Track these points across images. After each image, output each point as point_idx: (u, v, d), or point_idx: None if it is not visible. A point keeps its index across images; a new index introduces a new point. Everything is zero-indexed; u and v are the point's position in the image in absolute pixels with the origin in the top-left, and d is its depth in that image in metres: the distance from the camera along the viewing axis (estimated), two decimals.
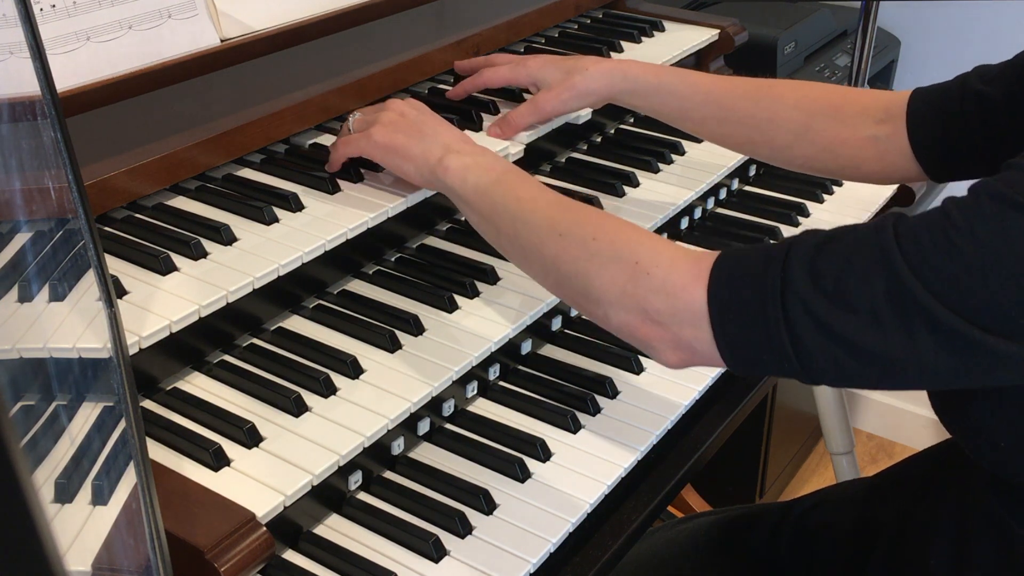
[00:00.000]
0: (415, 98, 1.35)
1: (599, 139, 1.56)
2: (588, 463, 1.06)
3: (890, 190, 1.57)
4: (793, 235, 0.86)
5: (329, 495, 0.99)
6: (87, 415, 0.76)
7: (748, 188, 1.59)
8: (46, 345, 0.81)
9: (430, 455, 1.07)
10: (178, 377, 1.04)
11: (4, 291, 0.83)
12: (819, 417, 2.17)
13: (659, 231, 1.38)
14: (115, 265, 1.02)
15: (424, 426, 1.09)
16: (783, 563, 1.26)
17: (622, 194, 1.40)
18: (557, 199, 0.99)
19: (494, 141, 1.27)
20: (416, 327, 1.11)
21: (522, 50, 1.55)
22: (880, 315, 0.78)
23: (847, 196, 1.56)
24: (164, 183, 1.12)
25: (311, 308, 1.14)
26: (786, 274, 0.82)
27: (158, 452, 0.94)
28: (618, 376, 1.18)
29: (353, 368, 1.04)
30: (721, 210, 1.53)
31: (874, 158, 1.16)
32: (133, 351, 0.93)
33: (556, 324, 1.25)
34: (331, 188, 1.15)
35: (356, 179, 1.18)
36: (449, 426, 1.11)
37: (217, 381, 1.03)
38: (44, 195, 0.72)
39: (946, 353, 0.78)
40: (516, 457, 1.05)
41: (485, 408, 1.14)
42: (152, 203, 1.12)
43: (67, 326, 0.81)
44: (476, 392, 1.15)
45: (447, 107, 1.32)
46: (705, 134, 1.28)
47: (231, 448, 0.94)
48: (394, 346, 1.08)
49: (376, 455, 1.03)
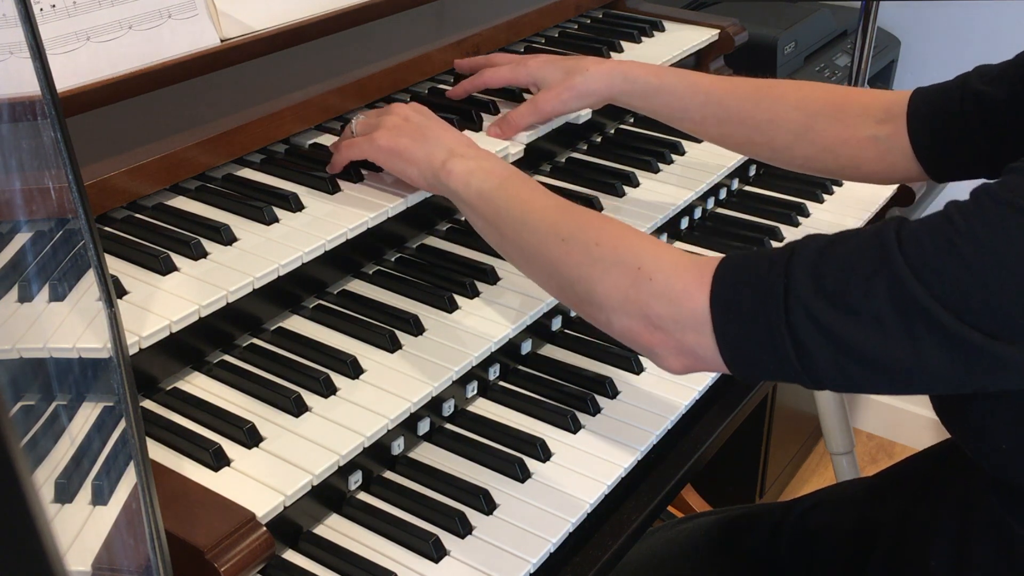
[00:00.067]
0: (415, 98, 1.36)
1: (599, 139, 1.56)
2: (588, 463, 1.06)
3: (890, 190, 1.57)
4: (795, 239, 0.86)
5: (329, 495, 0.99)
6: (87, 415, 0.76)
7: (748, 188, 1.59)
8: (46, 345, 0.81)
9: (430, 455, 1.07)
10: (178, 377, 1.04)
11: (4, 291, 0.83)
12: (819, 417, 2.17)
13: (659, 231, 1.38)
14: (115, 265, 1.02)
15: (424, 426, 1.09)
16: (783, 563, 1.26)
17: (622, 194, 1.40)
18: (560, 204, 0.99)
19: (494, 141, 1.27)
20: (416, 327, 1.11)
21: (522, 50, 1.55)
22: (882, 318, 0.78)
23: (847, 196, 1.56)
24: (164, 183, 1.12)
25: (311, 308, 1.14)
26: (789, 278, 0.81)
27: (158, 452, 0.94)
28: (618, 376, 1.18)
29: (353, 368, 1.04)
30: (721, 210, 1.53)
31: (875, 158, 1.16)
32: (133, 351, 0.93)
33: (556, 324, 1.25)
34: (331, 188, 1.15)
35: (356, 179, 1.18)
36: (449, 426, 1.11)
37: (217, 381, 1.03)
38: (44, 195, 0.72)
39: (948, 356, 0.77)
40: (516, 457, 1.05)
41: (485, 408, 1.14)
42: (152, 203, 1.12)
43: (67, 326, 0.80)
44: (476, 392, 1.15)
45: (447, 107, 1.32)
46: (705, 135, 1.28)
47: (231, 448, 0.94)
48: (394, 346, 1.08)
49: (376, 455, 1.03)
